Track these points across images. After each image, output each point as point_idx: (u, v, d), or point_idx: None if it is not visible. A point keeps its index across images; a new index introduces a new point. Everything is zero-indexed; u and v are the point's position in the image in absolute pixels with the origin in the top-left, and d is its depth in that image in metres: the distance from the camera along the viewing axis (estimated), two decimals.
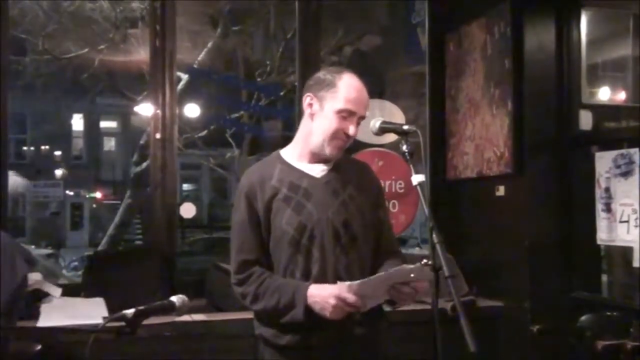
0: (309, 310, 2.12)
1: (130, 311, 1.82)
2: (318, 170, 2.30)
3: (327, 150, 2.25)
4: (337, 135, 2.23)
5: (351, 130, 2.23)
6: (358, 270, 2.22)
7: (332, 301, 2.08)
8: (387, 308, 2.34)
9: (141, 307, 1.85)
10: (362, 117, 2.28)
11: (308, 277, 2.19)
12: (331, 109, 2.23)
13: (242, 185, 2.31)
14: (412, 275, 2.08)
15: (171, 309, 1.95)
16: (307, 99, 2.29)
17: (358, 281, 2.09)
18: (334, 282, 2.13)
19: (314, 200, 2.24)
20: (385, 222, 2.40)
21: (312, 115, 2.28)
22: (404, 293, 2.14)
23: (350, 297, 2.08)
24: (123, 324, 1.82)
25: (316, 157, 2.30)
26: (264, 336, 2.27)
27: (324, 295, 2.11)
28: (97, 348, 1.76)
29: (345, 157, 2.40)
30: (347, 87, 2.23)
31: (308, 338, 2.18)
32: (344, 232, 2.22)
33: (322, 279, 2.18)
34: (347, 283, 2.08)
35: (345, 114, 2.22)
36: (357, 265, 2.23)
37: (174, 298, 1.96)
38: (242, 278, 2.24)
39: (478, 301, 3.51)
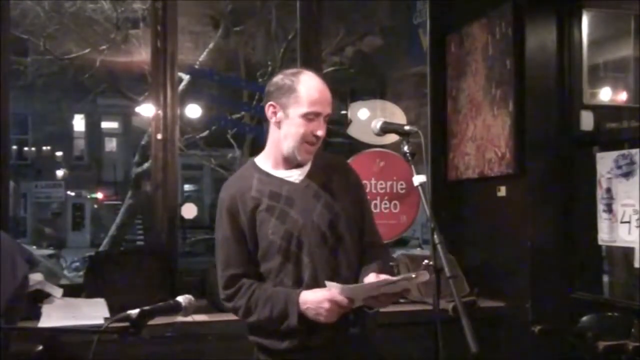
0: (302, 317, 2.12)
1: (135, 311, 1.78)
2: (296, 175, 2.28)
3: (299, 156, 2.23)
4: (307, 138, 2.21)
5: (319, 131, 2.21)
6: (347, 268, 2.22)
7: (327, 305, 2.08)
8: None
9: (146, 307, 1.81)
10: (328, 116, 2.26)
11: (300, 283, 2.18)
12: (296, 114, 2.20)
13: (222, 200, 2.28)
14: (410, 280, 2.09)
15: (177, 309, 1.93)
16: (269, 109, 2.26)
17: (349, 285, 2.10)
18: (325, 285, 2.13)
19: (297, 206, 2.22)
20: (367, 215, 2.38)
21: (278, 123, 2.25)
22: (381, 301, 2.15)
23: (343, 300, 2.07)
24: (127, 324, 1.79)
25: (291, 163, 2.28)
26: (259, 342, 2.27)
27: (317, 300, 2.10)
28: (98, 348, 1.77)
29: (322, 156, 2.36)
30: (308, 89, 2.20)
31: (305, 341, 2.18)
32: (331, 234, 2.22)
33: (313, 284, 2.17)
34: (338, 285, 2.08)
35: (312, 116, 2.19)
36: (345, 264, 2.22)
37: (180, 298, 1.93)
38: (230, 293, 2.23)
39: (479, 301, 3.51)
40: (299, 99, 2.19)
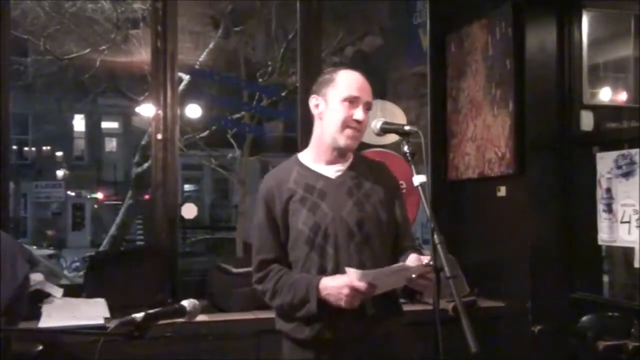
0: (322, 303, 2.18)
1: (140, 315, 1.79)
2: (333, 171, 2.35)
3: (342, 142, 2.29)
4: (348, 122, 2.27)
5: (359, 114, 2.27)
6: (373, 267, 2.22)
7: (346, 291, 2.12)
8: (402, 301, 2.43)
9: (151, 311, 1.81)
10: (369, 104, 2.32)
11: (323, 274, 2.24)
12: (336, 100, 2.28)
13: (261, 190, 2.38)
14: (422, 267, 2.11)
15: (182, 313, 1.93)
16: (312, 101, 2.36)
17: (367, 271, 2.12)
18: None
19: (328, 200, 2.29)
20: (403, 221, 2.42)
21: (320, 115, 2.34)
22: (421, 284, 2.17)
23: (362, 285, 2.11)
24: (132, 327, 1.78)
25: (333, 156, 2.34)
26: (283, 331, 2.34)
27: (336, 286, 2.15)
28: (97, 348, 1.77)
29: (361, 158, 2.45)
30: (346, 77, 2.31)
31: (325, 332, 2.23)
32: (358, 231, 2.26)
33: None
34: (357, 271, 2.10)
35: (350, 99, 2.27)
36: (371, 263, 2.25)
37: (185, 302, 1.94)
38: (261, 276, 2.33)
39: (479, 302, 3.51)
40: (338, 86, 2.30)
